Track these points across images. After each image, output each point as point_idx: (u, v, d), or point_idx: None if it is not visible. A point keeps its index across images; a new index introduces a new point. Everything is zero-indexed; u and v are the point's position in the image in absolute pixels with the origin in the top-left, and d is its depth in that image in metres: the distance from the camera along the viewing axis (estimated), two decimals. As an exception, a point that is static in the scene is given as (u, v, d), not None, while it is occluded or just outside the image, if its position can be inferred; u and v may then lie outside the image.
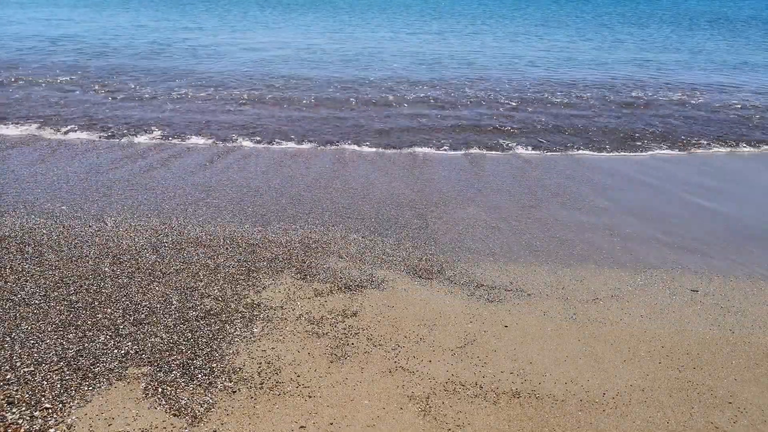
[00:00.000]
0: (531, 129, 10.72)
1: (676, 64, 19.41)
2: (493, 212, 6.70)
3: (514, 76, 16.29)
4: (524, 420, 3.36)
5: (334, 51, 20.24)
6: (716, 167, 8.95)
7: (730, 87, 15.65)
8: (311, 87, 13.85)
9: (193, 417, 3.22)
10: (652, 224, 6.49)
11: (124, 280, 4.71)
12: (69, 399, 3.29)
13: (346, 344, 4.00)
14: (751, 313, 4.72)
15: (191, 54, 18.54)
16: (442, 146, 9.48)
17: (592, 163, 8.96)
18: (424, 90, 13.92)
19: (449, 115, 11.53)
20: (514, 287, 4.96)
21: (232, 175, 7.59)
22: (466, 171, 8.25)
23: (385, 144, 9.48)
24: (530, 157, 9.14)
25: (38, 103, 11.30)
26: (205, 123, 10.30)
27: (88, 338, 3.88)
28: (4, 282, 4.57)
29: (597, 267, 5.43)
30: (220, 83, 13.92)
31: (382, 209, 6.63)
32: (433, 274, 5.12)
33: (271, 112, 11.39)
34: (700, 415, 3.49)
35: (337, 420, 3.27)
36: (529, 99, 13.26)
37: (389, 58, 18.88)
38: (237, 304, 4.43)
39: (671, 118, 11.91)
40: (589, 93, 14.05)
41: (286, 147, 9.16)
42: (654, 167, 8.80)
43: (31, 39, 20.70)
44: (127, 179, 7.24)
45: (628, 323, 4.47)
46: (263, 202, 6.66)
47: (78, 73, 14.61)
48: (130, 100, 11.99)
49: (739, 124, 11.61)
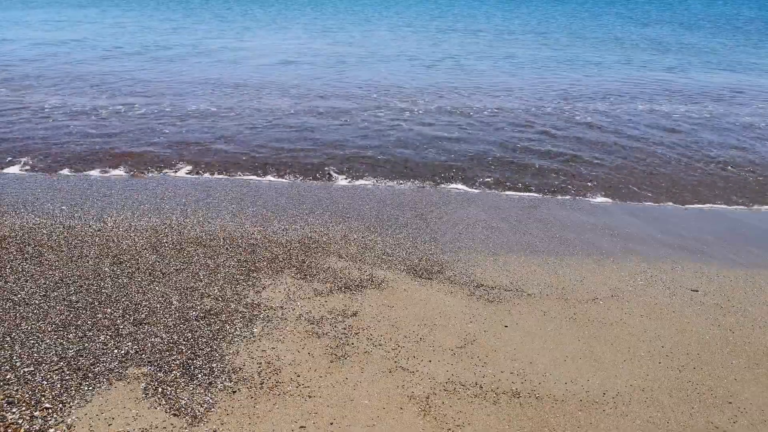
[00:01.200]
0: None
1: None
2: (494, 212, 6.70)
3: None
4: (524, 420, 3.36)
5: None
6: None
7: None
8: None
9: (193, 417, 3.22)
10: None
11: (124, 280, 4.71)
12: (69, 399, 3.29)
13: (346, 344, 4.00)
14: (751, 313, 4.72)
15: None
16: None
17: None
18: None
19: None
20: (514, 287, 4.96)
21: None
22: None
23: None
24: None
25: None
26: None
27: (88, 338, 3.88)
28: (4, 282, 4.57)
29: (597, 266, 5.43)
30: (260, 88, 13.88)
31: (382, 209, 6.62)
32: (433, 274, 5.12)
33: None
34: (700, 415, 3.49)
35: (337, 420, 3.27)
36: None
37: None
38: (237, 304, 4.43)
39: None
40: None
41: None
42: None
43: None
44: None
45: (628, 323, 4.47)
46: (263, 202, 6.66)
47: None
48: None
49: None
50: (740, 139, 10.34)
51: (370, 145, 9.17)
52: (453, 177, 7.88)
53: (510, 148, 9.28)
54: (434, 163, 8.38)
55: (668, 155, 9.20)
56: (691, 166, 8.71)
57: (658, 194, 7.58)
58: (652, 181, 8.06)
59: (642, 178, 8.14)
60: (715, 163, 8.90)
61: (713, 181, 8.14)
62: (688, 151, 9.45)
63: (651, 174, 8.32)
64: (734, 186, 8.02)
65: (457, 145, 9.32)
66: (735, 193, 7.75)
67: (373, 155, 8.68)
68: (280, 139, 9.33)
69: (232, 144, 8.99)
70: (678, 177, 8.26)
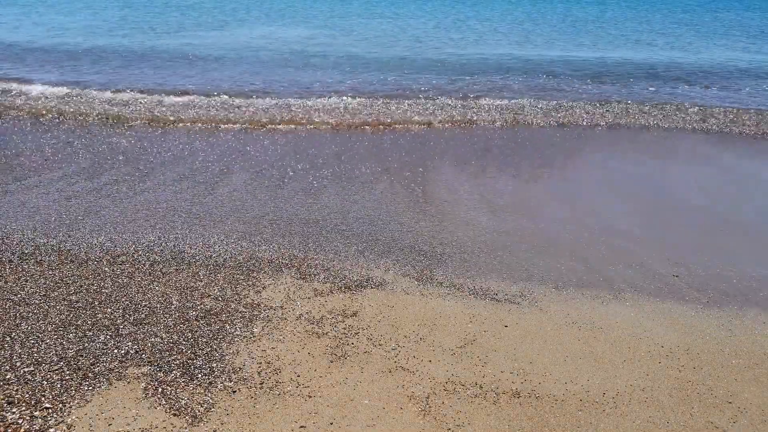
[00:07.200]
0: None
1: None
2: (494, 212, 6.70)
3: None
4: (524, 420, 3.37)
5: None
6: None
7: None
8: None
9: (193, 417, 3.23)
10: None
11: (124, 280, 4.71)
12: (69, 399, 3.29)
13: (346, 344, 4.00)
14: (751, 313, 4.72)
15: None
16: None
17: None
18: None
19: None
20: (515, 287, 4.96)
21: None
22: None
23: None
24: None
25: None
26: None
27: (88, 338, 3.88)
28: (4, 282, 4.57)
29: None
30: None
31: (382, 208, 6.62)
32: (433, 274, 5.12)
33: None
34: (700, 415, 3.49)
35: (337, 420, 3.27)
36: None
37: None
38: (237, 304, 4.43)
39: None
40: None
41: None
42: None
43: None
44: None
45: (628, 323, 4.47)
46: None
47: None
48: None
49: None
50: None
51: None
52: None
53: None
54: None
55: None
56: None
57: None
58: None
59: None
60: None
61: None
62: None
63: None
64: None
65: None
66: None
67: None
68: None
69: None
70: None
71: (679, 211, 6.92)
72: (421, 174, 7.93)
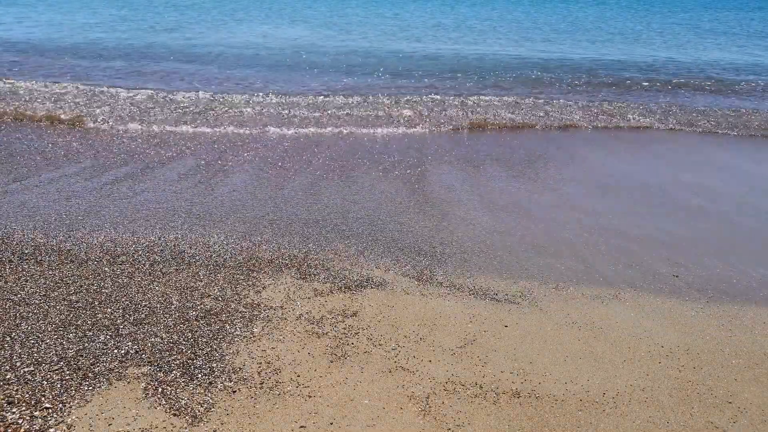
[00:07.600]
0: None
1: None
2: (494, 212, 6.70)
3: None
4: (524, 420, 3.36)
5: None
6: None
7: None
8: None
9: (193, 417, 3.22)
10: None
11: (124, 280, 4.71)
12: (69, 399, 3.29)
13: (346, 344, 4.00)
14: (750, 313, 4.73)
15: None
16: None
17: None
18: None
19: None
20: (515, 287, 4.96)
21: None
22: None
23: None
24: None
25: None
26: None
27: (88, 338, 3.88)
28: (4, 282, 4.57)
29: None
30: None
31: (382, 207, 6.62)
32: (433, 274, 5.12)
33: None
34: (700, 415, 3.49)
35: (337, 420, 3.27)
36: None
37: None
38: (237, 304, 4.43)
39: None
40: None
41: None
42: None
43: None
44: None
45: (628, 323, 4.47)
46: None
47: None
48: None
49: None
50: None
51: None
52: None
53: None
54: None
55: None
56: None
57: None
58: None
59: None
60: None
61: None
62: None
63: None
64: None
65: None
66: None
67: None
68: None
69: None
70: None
71: (679, 211, 6.93)
72: (421, 174, 7.93)
